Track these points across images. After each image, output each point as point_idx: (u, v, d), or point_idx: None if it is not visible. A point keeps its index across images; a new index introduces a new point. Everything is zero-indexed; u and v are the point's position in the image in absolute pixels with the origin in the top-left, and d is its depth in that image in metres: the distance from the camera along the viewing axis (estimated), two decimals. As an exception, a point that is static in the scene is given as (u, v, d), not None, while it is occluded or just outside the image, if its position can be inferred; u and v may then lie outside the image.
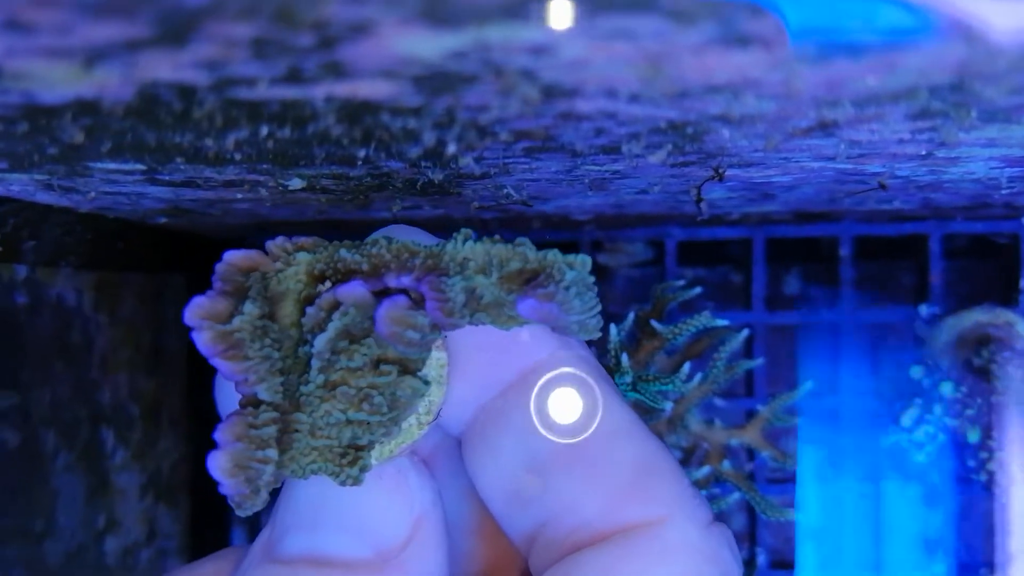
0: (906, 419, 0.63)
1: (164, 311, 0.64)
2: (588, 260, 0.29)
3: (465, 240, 0.29)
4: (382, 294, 0.29)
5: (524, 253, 0.29)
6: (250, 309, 0.28)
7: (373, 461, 0.30)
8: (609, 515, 0.30)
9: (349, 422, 0.29)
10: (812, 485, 0.66)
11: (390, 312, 0.28)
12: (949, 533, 0.65)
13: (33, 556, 0.50)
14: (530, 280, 0.28)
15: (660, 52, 0.23)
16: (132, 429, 0.60)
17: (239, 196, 0.43)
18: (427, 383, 0.30)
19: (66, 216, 0.48)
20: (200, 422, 0.67)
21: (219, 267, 0.29)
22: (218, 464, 0.28)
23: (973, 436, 0.62)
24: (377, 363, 0.29)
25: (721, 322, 0.60)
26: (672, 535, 0.30)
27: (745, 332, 0.63)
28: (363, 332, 0.29)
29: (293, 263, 0.30)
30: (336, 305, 0.29)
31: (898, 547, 0.65)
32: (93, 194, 0.42)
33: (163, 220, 0.55)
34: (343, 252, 0.29)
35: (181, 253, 0.64)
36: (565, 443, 0.31)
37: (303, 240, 0.30)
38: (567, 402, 0.32)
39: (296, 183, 0.39)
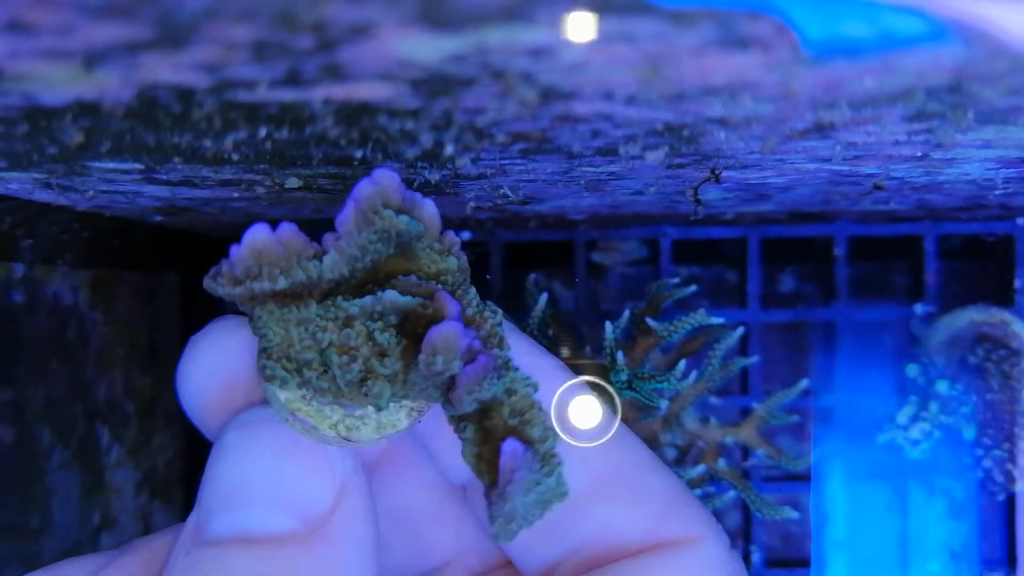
0: (901, 416, 0.64)
1: (159, 309, 0.64)
2: None
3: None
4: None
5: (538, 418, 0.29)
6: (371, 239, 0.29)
7: (327, 431, 0.30)
8: (652, 533, 0.32)
9: (320, 353, 0.29)
10: (811, 484, 0.66)
11: (476, 374, 0.28)
12: (947, 532, 0.65)
13: (28, 553, 0.50)
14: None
15: (659, 54, 0.23)
16: (127, 426, 0.60)
17: (235, 195, 0.43)
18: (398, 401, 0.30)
19: (63, 214, 0.48)
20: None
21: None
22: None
23: (968, 433, 0.63)
24: (385, 354, 0.29)
25: (716, 320, 0.60)
26: (708, 552, 0.32)
27: (740, 330, 0.63)
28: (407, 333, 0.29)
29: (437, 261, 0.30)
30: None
31: (894, 545, 0.65)
32: (91, 193, 0.42)
33: (159, 218, 0.55)
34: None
35: (177, 251, 0.64)
36: (603, 475, 0.33)
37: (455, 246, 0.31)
38: (586, 411, 0.33)
39: (293, 182, 0.39)
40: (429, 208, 0.30)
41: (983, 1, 0.20)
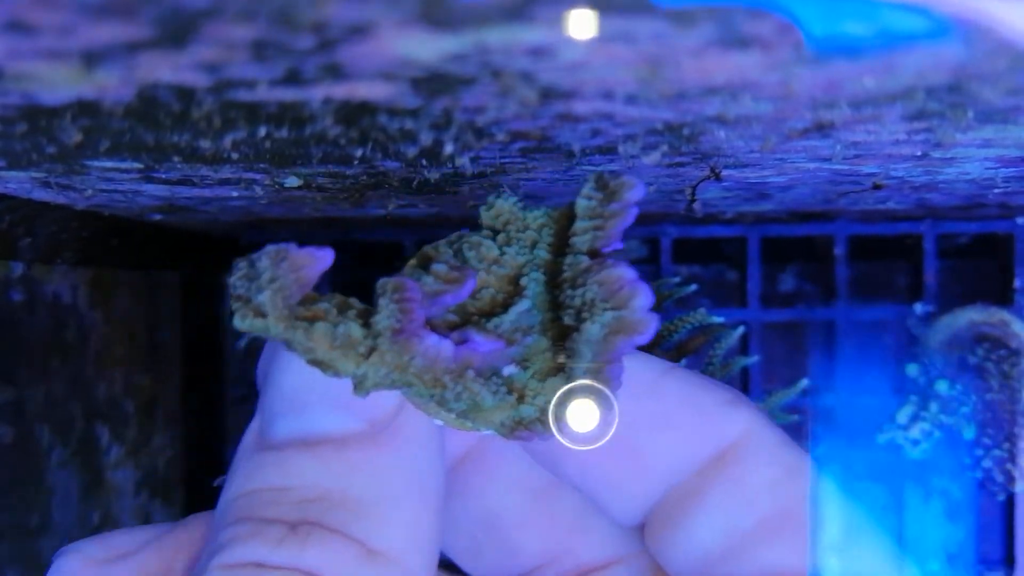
0: (901, 416, 0.64)
1: (159, 308, 0.64)
2: None
3: None
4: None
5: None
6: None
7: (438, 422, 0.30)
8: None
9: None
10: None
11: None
12: (947, 531, 0.65)
13: (28, 553, 0.50)
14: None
15: (659, 54, 0.23)
16: (127, 426, 0.60)
17: (235, 194, 0.43)
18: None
19: (62, 213, 0.48)
20: (195, 419, 0.67)
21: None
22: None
23: (968, 433, 0.63)
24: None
25: (716, 319, 0.60)
26: None
27: (740, 329, 0.63)
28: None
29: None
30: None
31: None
32: (90, 192, 0.42)
33: (158, 217, 0.55)
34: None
35: (176, 250, 0.64)
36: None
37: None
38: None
39: (292, 181, 0.39)
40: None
41: None
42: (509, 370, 0.29)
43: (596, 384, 0.28)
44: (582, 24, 0.20)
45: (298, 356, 0.28)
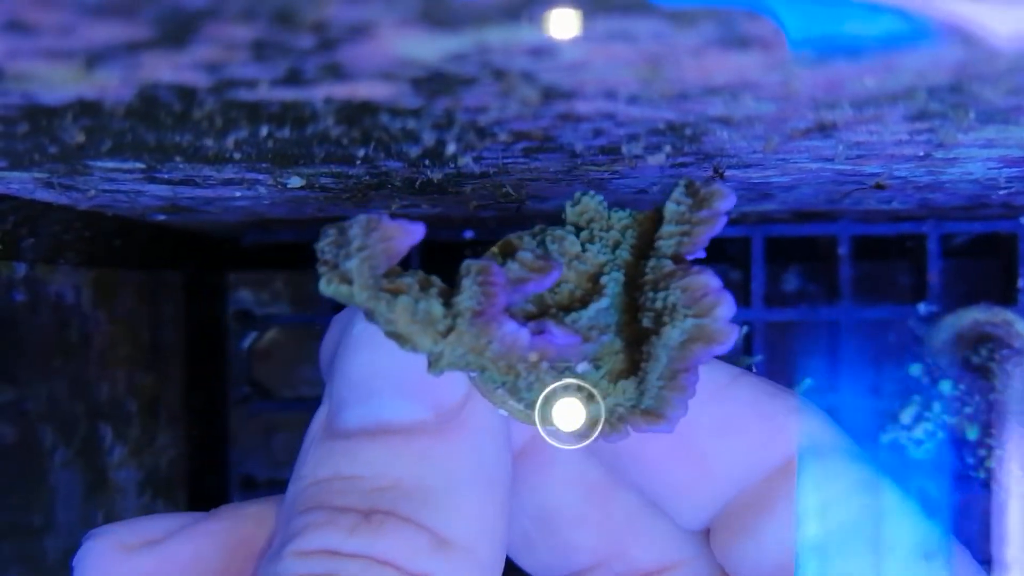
0: (905, 416, 0.64)
1: (162, 308, 0.64)
2: None
3: None
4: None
5: None
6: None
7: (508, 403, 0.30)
8: None
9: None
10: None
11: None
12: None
13: (31, 553, 0.50)
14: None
15: (659, 54, 0.23)
16: (130, 425, 0.60)
17: (237, 194, 0.43)
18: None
19: (65, 214, 0.48)
20: (198, 419, 0.67)
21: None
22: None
23: (972, 433, 0.62)
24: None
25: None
26: None
27: (744, 329, 0.63)
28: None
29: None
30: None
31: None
32: (93, 192, 0.42)
33: (161, 218, 0.55)
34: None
35: (179, 251, 0.64)
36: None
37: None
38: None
39: (295, 181, 0.39)
40: None
41: (971, 3, 0.20)
42: (583, 367, 0.29)
43: (668, 391, 0.28)
44: (574, 24, 0.20)
45: (378, 327, 0.28)
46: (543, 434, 0.30)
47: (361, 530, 0.28)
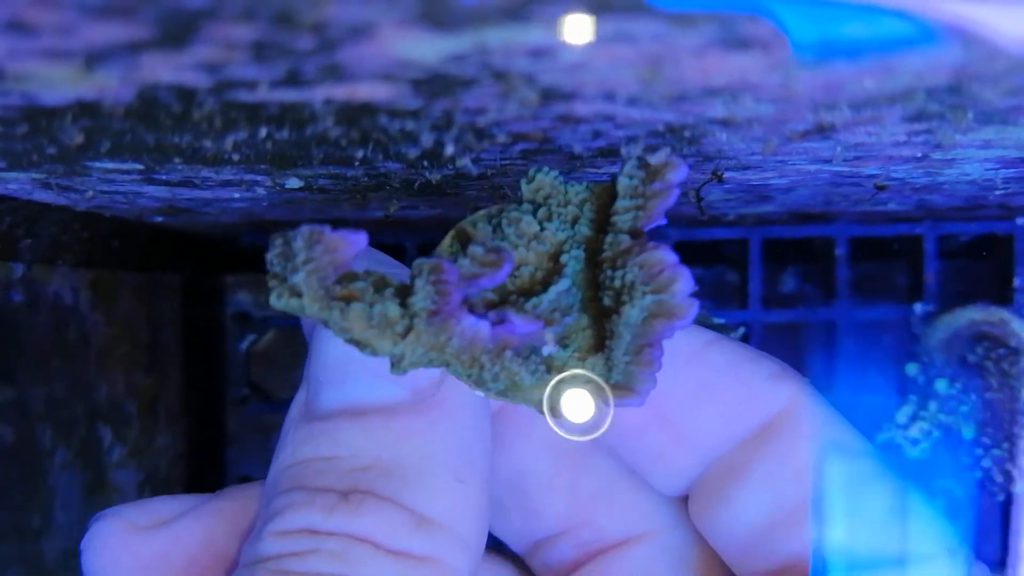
0: (901, 415, 0.64)
1: (160, 309, 0.64)
2: None
3: None
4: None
5: None
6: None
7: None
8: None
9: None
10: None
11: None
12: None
13: (30, 553, 0.50)
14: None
15: (659, 55, 0.23)
16: (129, 426, 0.60)
17: (236, 195, 0.43)
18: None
19: (63, 214, 0.48)
20: (197, 419, 0.67)
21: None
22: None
23: (968, 432, 0.63)
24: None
25: (718, 320, 0.60)
26: None
27: (741, 330, 0.63)
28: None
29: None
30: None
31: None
32: (91, 193, 0.42)
33: (159, 219, 0.55)
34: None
35: (177, 252, 0.64)
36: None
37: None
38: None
39: (294, 183, 0.39)
40: None
41: (977, 4, 0.20)
42: (548, 349, 0.29)
43: (635, 366, 0.28)
44: (580, 27, 0.20)
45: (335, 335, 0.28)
46: (553, 426, 0.30)
47: (340, 509, 0.29)
